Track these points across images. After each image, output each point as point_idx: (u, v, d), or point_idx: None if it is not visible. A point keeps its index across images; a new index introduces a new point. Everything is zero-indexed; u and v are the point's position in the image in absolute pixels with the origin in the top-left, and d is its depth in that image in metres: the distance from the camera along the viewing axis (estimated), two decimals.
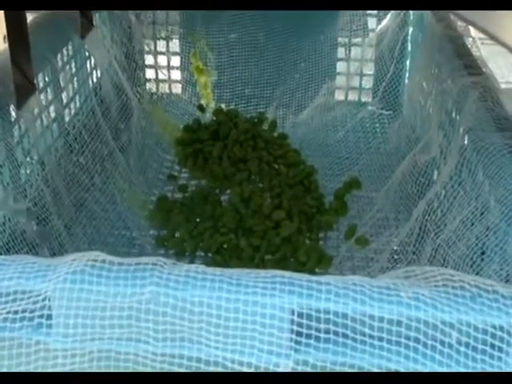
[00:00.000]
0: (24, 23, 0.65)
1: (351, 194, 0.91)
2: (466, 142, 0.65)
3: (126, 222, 0.82)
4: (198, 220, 0.85)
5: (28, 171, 0.70)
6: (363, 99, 1.11)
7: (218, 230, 0.82)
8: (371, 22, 1.08)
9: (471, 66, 0.77)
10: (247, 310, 0.39)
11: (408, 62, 1.05)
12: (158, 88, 1.12)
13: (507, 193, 0.55)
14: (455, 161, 0.65)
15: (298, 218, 0.84)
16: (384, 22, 1.06)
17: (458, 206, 0.62)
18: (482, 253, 0.55)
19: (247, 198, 0.86)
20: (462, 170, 0.65)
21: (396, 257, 0.77)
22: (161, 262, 0.42)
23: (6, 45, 0.62)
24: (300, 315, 0.39)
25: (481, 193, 0.58)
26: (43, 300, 0.41)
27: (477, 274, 0.54)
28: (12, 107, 0.66)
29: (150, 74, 1.11)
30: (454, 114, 0.74)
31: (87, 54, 0.88)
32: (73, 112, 0.84)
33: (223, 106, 1.06)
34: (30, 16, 0.69)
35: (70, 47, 0.83)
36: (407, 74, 1.05)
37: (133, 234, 0.81)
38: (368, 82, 1.10)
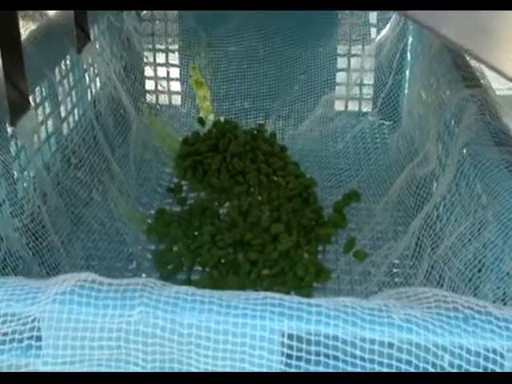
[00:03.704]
0: (18, 38, 0.64)
1: (350, 206, 0.90)
2: (463, 156, 0.65)
3: (124, 236, 0.82)
4: (196, 234, 0.84)
5: (25, 186, 0.70)
6: (363, 109, 1.11)
7: (215, 244, 0.81)
8: (371, 32, 1.08)
9: (469, 77, 0.77)
10: (237, 332, 0.39)
11: (407, 73, 1.04)
12: (157, 101, 1.12)
13: (503, 209, 0.54)
14: (452, 175, 0.65)
15: (296, 231, 0.83)
16: (383, 32, 1.06)
17: (455, 222, 0.61)
18: (479, 270, 0.55)
19: (245, 212, 0.85)
20: (459, 184, 0.64)
21: (394, 270, 0.76)
22: (151, 283, 0.41)
23: None
24: (290, 337, 0.39)
25: (477, 209, 0.58)
26: (32, 322, 0.41)
27: (473, 291, 0.54)
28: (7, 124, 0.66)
29: (148, 86, 1.12)
30: (452, 127, 0.74)
31: (85, 67, 0.88)
32: (71, 126, 0.84)
33: (222, 118, 1.05)
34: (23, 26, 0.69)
35: (67, 61, 0.83)
36: (407, 85, 1.04)
37: (130, 249, 0.81)
38: (368, 93, 1.10)
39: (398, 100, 1.06)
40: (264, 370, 0.39)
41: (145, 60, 1.09)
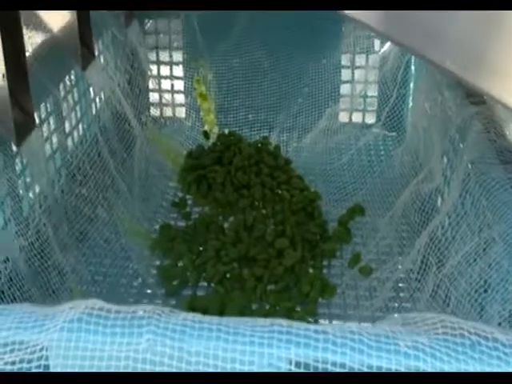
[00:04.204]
0: (23, 58, 0.64)
1: (355, 220, 0.90)
2: (468, 174, 0.65)
3: (129, 253, 0.82)
4: (200, 249, 0.84)
5: (30, 204, 0.70)
6: (367, 122, 1.11)
7: (220, 260, 0.81)
8: (375, 44, 1.08)
9: (474, 93, 0.77)
10: (244, 359, 0.39)
11: (412, 86, 1.04)
12: (161, 114, 1.12)
13: (509, 229, 0.54)
14: (458, 193, 0.65)
15: (301, 245, 0.83)
16: (387, 45, 1.06)
17: (460, 240, 0.61)
18: (485, 290, 0.55)
19: (250, 226, 0.86)
20: (464, 203, 0.64)
21: (400, 285, 0.76)
22: (158, 310, 0.41)
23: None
24: (298, 365, 0.39)
25: (483, 228, 0.58)
26: (40, 350, 0.41)
27: (479, 312, 0.54)
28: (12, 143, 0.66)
29: (153, 99, 1.12)
30: (457, 143, 0.74)
31: (89, 83, 0.88)
32: (75, 142, 0.84)
33: (226, 131, 1.05)
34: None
35: (71, 77, 0.83)
36: (411, 98, 1.04)
37: (135, 265, 0.81)
38: (372, 105, 1.10)
39: (402, 113, 1.05)
40: None
41: (149, 73, 1.09)
